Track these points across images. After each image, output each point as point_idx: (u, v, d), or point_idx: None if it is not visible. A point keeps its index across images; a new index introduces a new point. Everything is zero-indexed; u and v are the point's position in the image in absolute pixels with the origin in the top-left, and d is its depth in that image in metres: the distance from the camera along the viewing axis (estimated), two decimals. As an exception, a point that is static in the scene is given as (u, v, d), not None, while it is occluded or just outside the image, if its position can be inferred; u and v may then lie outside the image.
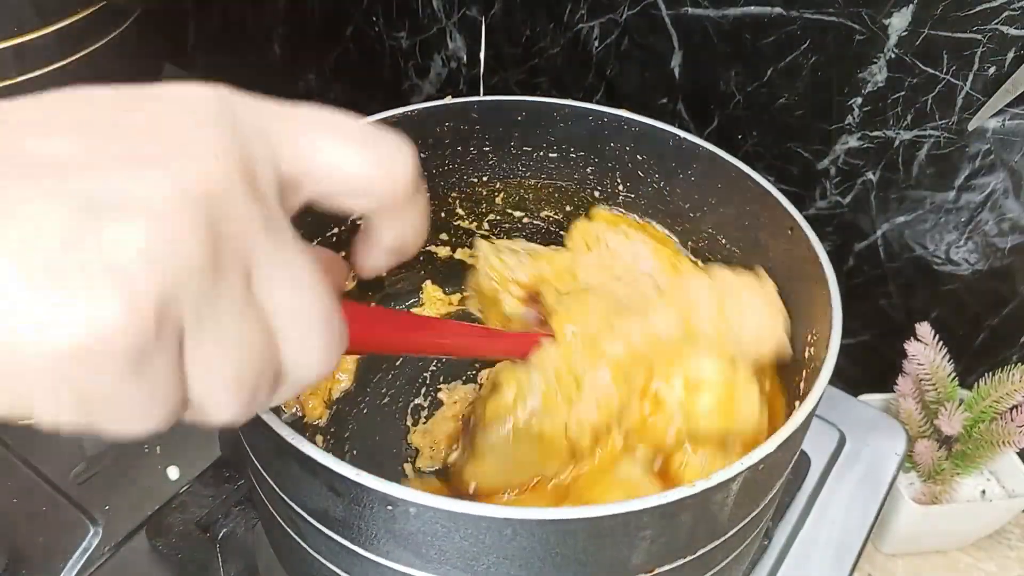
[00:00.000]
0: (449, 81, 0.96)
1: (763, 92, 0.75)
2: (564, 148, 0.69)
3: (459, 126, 0.67)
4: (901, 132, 0.71)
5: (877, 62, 0.68)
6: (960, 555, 0.80)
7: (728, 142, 0.79)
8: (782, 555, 0.64)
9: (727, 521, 0.45)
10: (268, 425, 0.41)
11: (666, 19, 0.77)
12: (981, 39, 0.63)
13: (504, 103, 0.67)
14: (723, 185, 0.63)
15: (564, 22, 0.83)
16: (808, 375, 0.54)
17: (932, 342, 0.73)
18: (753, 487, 0.45)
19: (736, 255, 0.65)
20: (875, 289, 0.80)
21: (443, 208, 0.72)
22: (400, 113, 0.64)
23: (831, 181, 0.77)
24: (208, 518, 0.62)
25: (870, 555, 0.80)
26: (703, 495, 0.40)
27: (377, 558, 0.43)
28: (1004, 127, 0.66)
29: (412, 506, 0.38)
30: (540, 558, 0.40)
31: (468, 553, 0.40)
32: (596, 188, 0.71)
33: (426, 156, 0.68)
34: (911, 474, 0.78)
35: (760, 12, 0.72)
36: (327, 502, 0.42)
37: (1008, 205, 0.69)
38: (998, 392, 0.72)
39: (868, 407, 0.75)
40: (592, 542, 0.40)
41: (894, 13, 0.66)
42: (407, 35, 0.96)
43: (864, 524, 0.66)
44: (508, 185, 0.72)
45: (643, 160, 0.67)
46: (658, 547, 0.42)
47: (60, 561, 0.60)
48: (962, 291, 0.75)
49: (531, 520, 0.38)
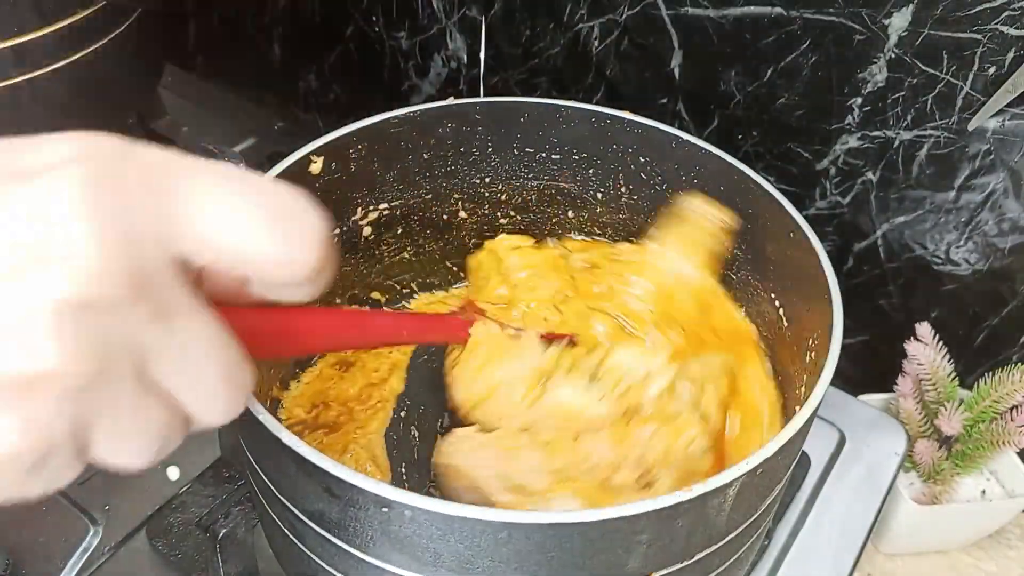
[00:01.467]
0: (449, 81, 0.96)
1: (763, 92, 0.75)
2: (567, 150, 0.69)
3: (462, 127, 0.67)
4: (901, 132, 0.71)
5: (877, 62, 0.68)
6: (960, 555, 0.80)
7: (728, 142, 0.79)
8: (782, 555, 0.64)
9: (725, 526, 0.45)
10: (265, 426, 0.41)
11: (666, 19, 0.77)
12: (981, 39, 0.63)
13: (507, 104, 0.67)
14: (725, 188, 0.63)
15: (564, 22, 0.83)
16: (808, 380, 0.54)
17: (932, 342, 0.73)
18: (751, 492, 0.44)
19: (738, 258, 0.65)
20: (875, 289, 0.80)
21: (445, 210, 0.72)
22: (403, 114, 0.64)
23: (831, 181, 0.76)
24: (208, 518, 0.62)
25: (870, 555, 0.80)
26: (700, 499, 0.39)
27: (373, 560, 0.43)
28: (1004, 127, 0.66)
29: (407, 508, 0.38)
30: (536, 562, 0.40)
31: (463, 556, 0.40)
32: (599, 190, 0.70)
33: (428, 157, 0.68)
34: (911, 474, 0.78)
35: (760, 12, 0.71)
36: (323, 503, 0.42)
37: (1008, 205, 0.69)
38: (998, 392, 0.72)
39: (868, 407, 0.75)
40: (588, 546, 0.40)
41: (894, 13, 0.66)
42: (407, 35, 0.96)
43: (864, 524, 0.66)
44: (511, 186, 0.72)
45: (646, 162, 0.67)
46: (655, 551, 0.42)
47: (60, 561, 0.60)
48: (962, 291, 0.75)
49: (526, 524, 0.38)
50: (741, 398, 0.60)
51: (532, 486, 0.52)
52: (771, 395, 0.61)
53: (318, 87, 1.09)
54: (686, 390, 0.57)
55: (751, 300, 0.65)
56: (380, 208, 0.68)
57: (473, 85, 0.94)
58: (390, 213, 0.69)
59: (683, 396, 0.56)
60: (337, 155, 0.62)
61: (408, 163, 0.67)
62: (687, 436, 0.54)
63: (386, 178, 0.67)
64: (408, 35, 0.96)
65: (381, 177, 0.66)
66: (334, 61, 1.05)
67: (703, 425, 0.55)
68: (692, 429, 0.54)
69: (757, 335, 0.64)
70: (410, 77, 0.99)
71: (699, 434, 0.54)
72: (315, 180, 0.61)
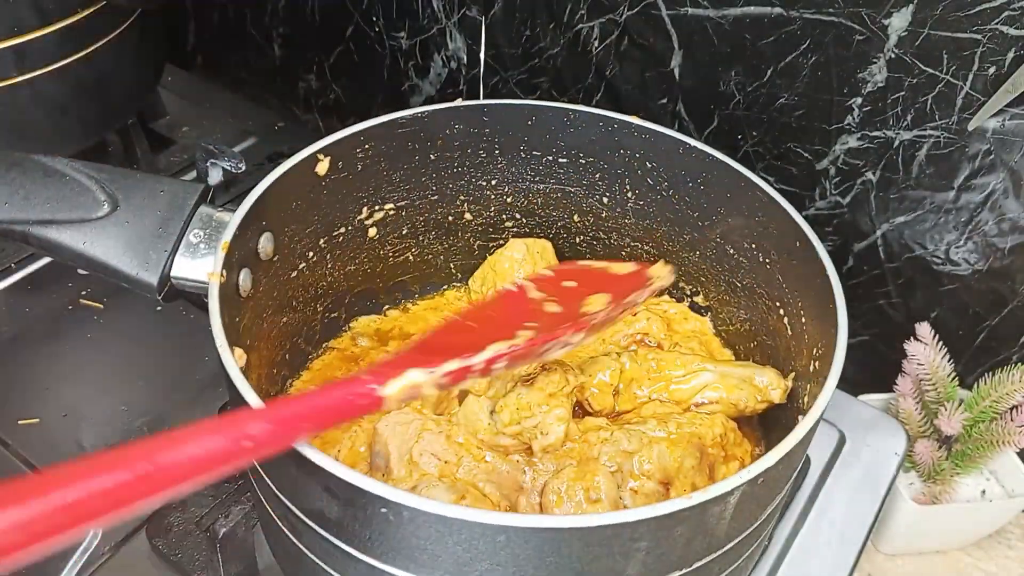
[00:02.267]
0: (449, 81, 0.96)
1: (763, 92, 0.75)
2: (574, 153, 0.69)
3: (469, 128, 0.67)
4: (901, 132, 0.70)
5: (877, 62, 0.68)
6: (960, 555, 0.80)
7: (728, 142, 0.79)
8: (782, 555, 0.64)
9: (725, 534, 0.45)
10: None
11: (666, 19, 0.77)
12: (981, 39, 0.63)
13: (514, 107, 0.67)
14: (732, 194, 0.63)
15: (564, 22, 0.83)
16: (812, 388, 0.54)
17: (932, 342, 0.73)
18: (752, 501, 0.44)
19: (743, 265, 0.65)
20: (875, 289, 0.80)
21: (451, 211, 0.72)
22: (411, 115, 0.64)
23: (831, 181, 0.76)
24: (208, 518, 0.62)
25: (870, 555, 0.80)
26: (700, 507, 0.39)
27: (371, 560, 0.43)
28: (1004, 127, 0.66)
29: (406, 510, 0.38)
30: (534, 566, 0.40)
31: (461, 559, 0.40)
32: (605, 194, 0.70)
33: (435, 158, 0.68)
34: (911, 474, 0.78)
35: (760, 12, 0.71)
36: (323, 503, 0.42)
37: (1008, 205, 0.69)
38: (998, 392, 0.72)
39: (868, 407, 0.75)
40: (586, 551, 0.40)
41: (894, 13, 0.65)
42: (407, 35, 0.96)
43: (864, 524, 0.66)
44: (516, 189, 0.72)
45: (652, 167, 0.67)
46: (653, 559, 0.42)
47: (60, 561, 0.60)
48: (962, 291, 0.75)
49: (525, 528, 0.38)
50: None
51: (425, 467, 0.54)
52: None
53: (318, 87, 1.09)
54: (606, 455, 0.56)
55: (755, 309, 0.65)
56: (386, 208, 0.68)
57: (473, 85, 0.94)
58: (396, 213, 0.69)
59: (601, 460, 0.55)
60: (344, 155, 0.62)
61: (414, 164, 0.67)
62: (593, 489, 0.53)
63: (392, 178, 0.67)
64: (408, 35, 0.95)
65: (387, 177, 0.66)
66: (334, 61, 1.05)
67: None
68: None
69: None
70: (410, 77, 0.99)
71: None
72: (321, 179, 0.61)
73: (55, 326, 0.78)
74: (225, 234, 0.52)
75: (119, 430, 0.69)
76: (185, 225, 0.53)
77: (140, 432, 0.69)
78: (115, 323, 0.79)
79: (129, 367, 0.75)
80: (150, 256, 0.52)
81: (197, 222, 0.53)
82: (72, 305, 0.80)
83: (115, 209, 0.52)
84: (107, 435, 0.69)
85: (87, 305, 0.80)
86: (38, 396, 0.71)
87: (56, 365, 0.75)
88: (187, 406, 0.72)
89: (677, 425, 0.58)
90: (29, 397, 0.71)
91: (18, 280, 0.82)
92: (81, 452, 0.67)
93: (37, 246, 0.53)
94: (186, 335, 0.78)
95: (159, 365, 0.75)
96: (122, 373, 0.74)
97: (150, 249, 0.52)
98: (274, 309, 0.61)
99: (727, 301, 0.69)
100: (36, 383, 0.73)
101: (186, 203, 0.53)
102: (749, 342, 0.67)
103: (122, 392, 0.72)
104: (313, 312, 0.67)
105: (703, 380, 0.61)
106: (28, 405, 0.70)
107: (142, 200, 0.53)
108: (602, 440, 0.56)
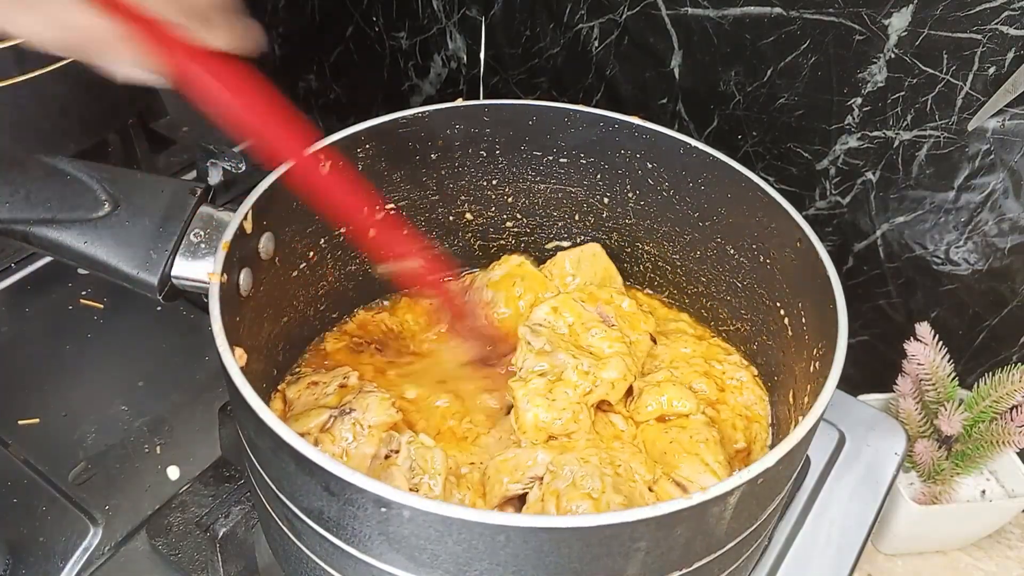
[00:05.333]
0: (449, 81, 0.96)
1: (763, 92, 0.75)
2: (574, 154, 0.69)
3: (470, 128, 0.67)
4: (901, 132, 0.70)
5: (877, 62, 0.68)
6: (960, 555, 0.80)
7: (728, 142, 0.79)
8: (782, 555, 0.64)
9: (725, 535, 0.44)
10: (265, 423, 0.41)
11: (666, 19, 0.77)
12: (981, 39, 0.63)
13: (515, 107, 0.67)
14: (732, 195, 0.63)
15: (564, 22, 0.83)
16: (812, 388, 0.54)
17: (932, 342, 0.73)
18: (752, 501, 0.44)
19: (744, 265, 0.65)
20: (875, 289, 0.80)
21: (452, 211, 0.72)
22: (412, 114, 0.64)
23: (831, 181, 0.76)
24: (208, 518, 0.62)
25: (870, 555, 0.80)
26: (699, 508, 0.39)
27: (370, 560, 0.43)
28: (1004, 127, 0.66)
29: (406, 509, 0.38)
30: (533, 565, 0.40)
31: (461, 558, 0.40)
32: (606, 195, 0.70)
33: (436, 158, 0.68)
34: (911, 474, 0.78)
35: (760, 12, 0.71)
36: (322, 502, 0.42)
37: (1008, 205, 0.69)
38: (998, 392, 0.72)
39: (868, 407, 0.75)
40: (586, 551, 0.40)
41: (894, 13, 0.65)
42: (407, 35, 0.96)
43: (864, 524, 0.66)
44: (517, 189, 0.72)
45: (653, 168, 0.67)
46: (653, 559, 0.42)
47: (60, 561, 0.60)
48: (962, 291, 0.75)
49: (524, 527, 0.38)
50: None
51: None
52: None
53: (318, 87, 1.09)
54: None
55: (756, 309, 0.65)
56: (387, 208, 0.68)
57: (473, 85, 0.94)
58: (396, 213, 0.69)
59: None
60: (345, 154, 0.62)
61: (415, 163, 0.67)
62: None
63: (393, 178, 0.67)
64: (408, 35, 0.96)
65: (388, 177, 0.66)
66: (334, 61, 1.05)
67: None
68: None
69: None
70: (410, 77, 0.99)
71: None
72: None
73: (55, 326, 0.78)
74: (225, 234, 0.52)
75: (119, 430, 0.69)
76: (186, 225, 0.53)
77: (140, 432, 0.69)
78: (115, 323, 0.78)
79: (129, 367, 0.75)
80: (150, 256, 0.52)
81: (198, 222, 0.53)
82: (72, 305, 0.80)
83: (116, 209, 0.52)
84: (107, 435, 0.69)
85: (87, 305, 0.80)
86: (38, 396, 0.71)
87: (56, 365, 0.74)
88: (187, 406, 0.71)
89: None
90: (29, 397, 0.71)
91: (18, 280, 0.82)
92: (81, 452, 0.67)
93: (38, 245, 0.53)
94: (186, 335, 0.78)
95: (159, 365, 0.75)
96: (122, 373, 0.74)
97: (150, 249, 0.52)
98: (274, 309, 0.61)
99: (727, 301, 0.69)
100: (36, 383, 0.72)
101: (187, 203, 0.53)
102: (749, 342, 0.67)
103: (122, 392, 0.72)
104: (314, 312, 0.67)
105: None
106: (28, 405, 0.70)
107: (143, 200, 0.53)
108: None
